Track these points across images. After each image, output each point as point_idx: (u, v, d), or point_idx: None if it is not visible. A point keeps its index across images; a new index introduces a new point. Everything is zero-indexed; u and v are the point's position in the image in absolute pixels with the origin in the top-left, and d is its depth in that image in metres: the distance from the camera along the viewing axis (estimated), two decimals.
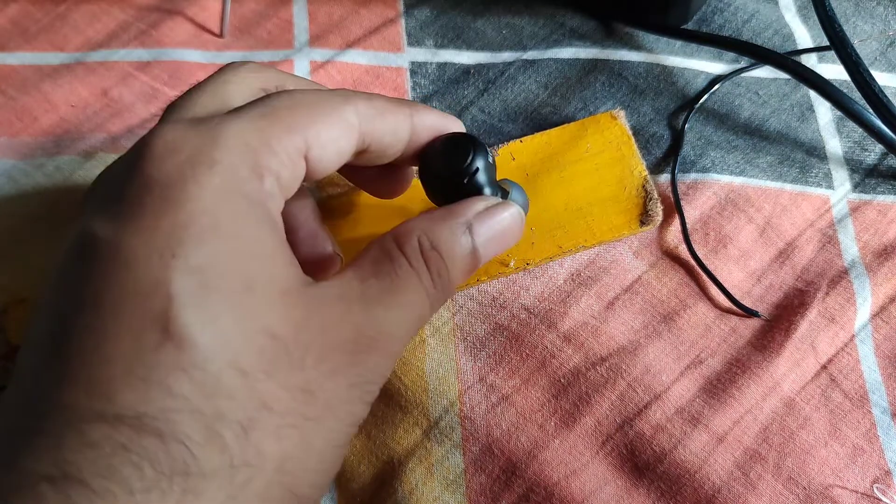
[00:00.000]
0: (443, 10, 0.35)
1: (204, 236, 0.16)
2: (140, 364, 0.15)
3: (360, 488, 0.25)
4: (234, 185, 0.17)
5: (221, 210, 0.17)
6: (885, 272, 0.29)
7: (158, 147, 0.17)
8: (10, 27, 0.33)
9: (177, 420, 0.15)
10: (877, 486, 0.25)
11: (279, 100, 0.19)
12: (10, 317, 0.26)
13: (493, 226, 0.21)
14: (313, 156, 0.19)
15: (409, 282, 0.19)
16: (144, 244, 0.16)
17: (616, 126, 0.30)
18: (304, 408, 0.17)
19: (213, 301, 0.16)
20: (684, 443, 0.25)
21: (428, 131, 0.22)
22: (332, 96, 0.20)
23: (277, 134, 0.18)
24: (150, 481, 0.15)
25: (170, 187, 0.16)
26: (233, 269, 0.17)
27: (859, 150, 0.32)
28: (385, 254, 0.19)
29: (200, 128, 0.18)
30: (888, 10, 0.36)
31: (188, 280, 0.16)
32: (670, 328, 0.28)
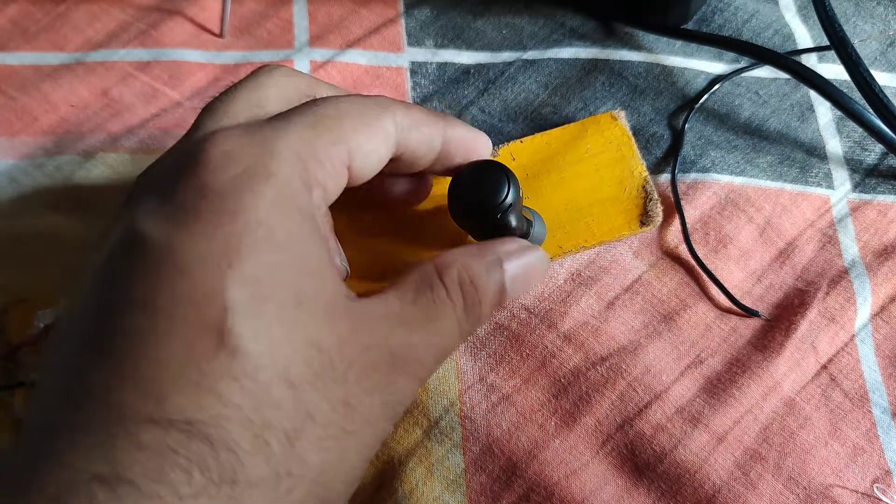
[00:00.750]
0: (443, 10, 0.35)
1: (259, 248, 0.17)
2: (193, 370, 0.15)
3: (360, 488, 0.25)
4: (288, 197, 0.17)
5: (276, 222, 0.17)
6: (886, 272, 0.29)
7: (216, 155, 0.17)
8: (10, 27, 0.33)
9: (227, 427, 0.15)
10: (877, 486, 0.25)
11: (324, 108, 0.19)
12: (10, 317, 0.26)
13: (522, 266, 0.22)
14: (355, 165, 0.19)
15: (445, 311, 0.20)
16: (201, 251, 0.16)
17: (616, 126, 0.30)
18: (344, 421, 0.17)
19: (266, 312, 0.16)
20: (684, 443, 0.25)
21: (459, 145, 0.23)
22: (372, 105, 0.20)
23: (325, 145, 0.18)
24: (198, 487, 0.15)
25: (227, 197, 0.17)
26: (286, 282, 0.17)
27: (859, 150, 0.32)
28: (426, 281, 0.20)
29: (255, 137, 0.18)
30: (888, 10, 0.36)
31: (243, 290, 0.16)
32: (670, 328, 0.28)
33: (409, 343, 0.19)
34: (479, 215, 0.23)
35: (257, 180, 0.17)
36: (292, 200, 0.18)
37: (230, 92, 0.20)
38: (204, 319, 0.16)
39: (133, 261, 0.16)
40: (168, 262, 0.16)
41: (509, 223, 0.23)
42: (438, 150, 0.22)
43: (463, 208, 0.23)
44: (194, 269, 0.16)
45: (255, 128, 0.18)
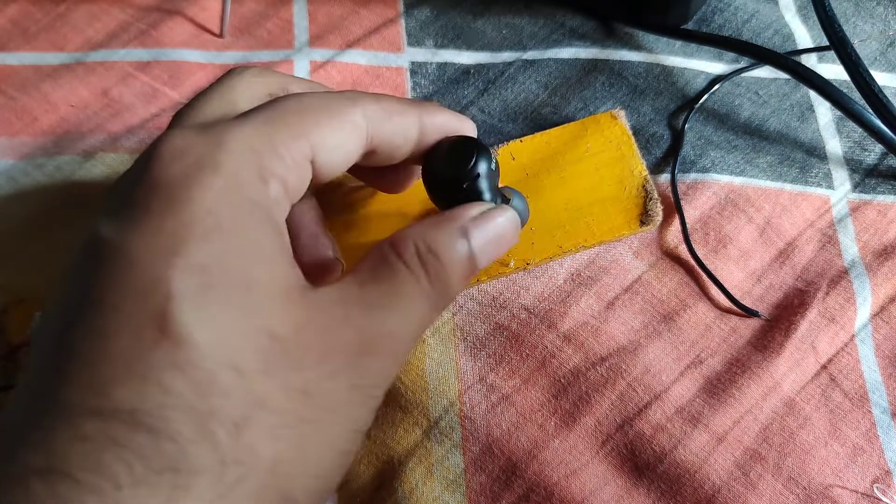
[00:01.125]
0: (443, 10, 0.35)
1: (207, 236, 0.16)
2: (136, 361, 0.15)
3: (360, 488, 0.25)
4: (237, 188, 0.17)
5: (224, 211, 0.17)
6: (885, 272, 0.29)
7: (166, 151, 0.17)
8: (10, 27, 0.33)
9: (169, 417, 0.15)
10: (877, 486, 0.25)
11: (285, 104, 0.19)
12: (10, 317, 0.26)
13: (488, 230, 0.21)
14: (320, 160, 0.19)
15: (407, 285, 0.19)
16: (147, 244, 0.16)
17: (616, 126, 0.30)
18: (302, 409, 0.17)
19: (212, 300, 0.16)
20: (684, 443, 0.25)
21: (438, 131, 0.22)
22: (339, 99, 0.20)
23: (283, 139, 0.18)
24: (138, 476, 0.15)
25: (174, 189, 0.17)
26: (234, 270, 0.17)
27: (859, 150, 0.32)
28: (382, 259, 0.19)
29: (207, 133, 0.18)
30: (888, 10, 0.36)
31: (189, 279, 0.16)
32: (670, 328, 0.28)
33: (372, 323, 0.18)
34: (447, 183, 0.22)
35: (205, 172, 0.17)
36: (242, 191, 0.17)
37: (200, 96, 0.20)
38: (147, 309, 0.16)
39: (89, 262, 0.17)
40: (118, 258, 0.16)
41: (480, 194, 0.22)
42: (416, 138, 0.22)
43: (432, 180, 0.23)
44: (141, 261, 0.16)
45: (211, 125, 0.18)
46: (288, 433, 0.17)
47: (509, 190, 0.25)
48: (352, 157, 0.20)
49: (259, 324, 0.17)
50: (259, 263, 0.17)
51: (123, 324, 0.16)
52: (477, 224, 0.21)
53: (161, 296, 0.16)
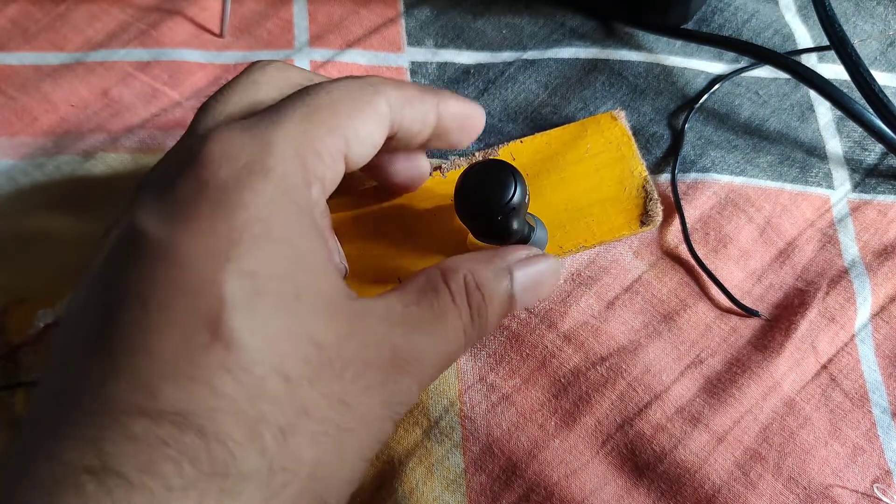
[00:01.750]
0: (443, 10, 0.35)
1: (258, 242, 0.17)
2: (187, 362, 0.15)
3: (360, 488, 0.25)
4: (286, 193, 0.17)
5: (274, 218, 0.17)
6: (886, 272, 0.29)
7: (214, 152, 0.17)
8: (10, 27, 0.33)
9: (219, 420, 0.15)
10: (877, 486, 0.25)
11: (318, 97, 0.19)
12: (10, 317, 0.26)
13: (532, 275, 0.22)
14: (351, 152, 0.19)
15: (449, 315, 0.20)
16: (199, 246, 0.16)
17: (616, 126, 0.30)
18: (340, 418, 0.17)
19: (263, 306, 0.16)
20: (684, 442, 0.25)
21: (453, 118, 0.22)
22: (364, 87, 0.20)
23: (321, 136, 0.18)
24: (188, 479, 0.15)
25: (226, 193, 0.17)
26: (283, 277, 0.17)
27: (859, 149, 0.32)
28: (431, 285, 0.20)
29: (253, 132, 0.18)
30: (888, 10, 0.36)
31: (240, 284, 0.16)
32: (670, 328, 0.28)
33: (409, 344, 0.19)
34: (482, 214, 0.23)
35: (256, 177, 0.17)
36: (291, 196, 0.18)
37: (225, 90, 0.20)
38: (199, 312, 0.16)
39: (132, 257, 0.17)
40: (166, 257, 0.16)
41: (511, 225, 0.23)
42: (433, 125, 0.22)
43: (468, 206, 0.23)
44: (191, 263, 0.16)
45: (252, 123, 0.18)
46: (327, 441, 0.17)
47: (531, 217, 0.26)
48: (377, 145, 0.21)
49: (306, 332, 0.17)
50: (307, 272, 0.18)
51: (174, 323, 0.16)
52: (521, 267, 0.22)
53: (214, 299, 0.16)
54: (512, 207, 0.22)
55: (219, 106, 0.20)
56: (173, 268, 0.16)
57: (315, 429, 0.17)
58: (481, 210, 0.23)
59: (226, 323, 0.16)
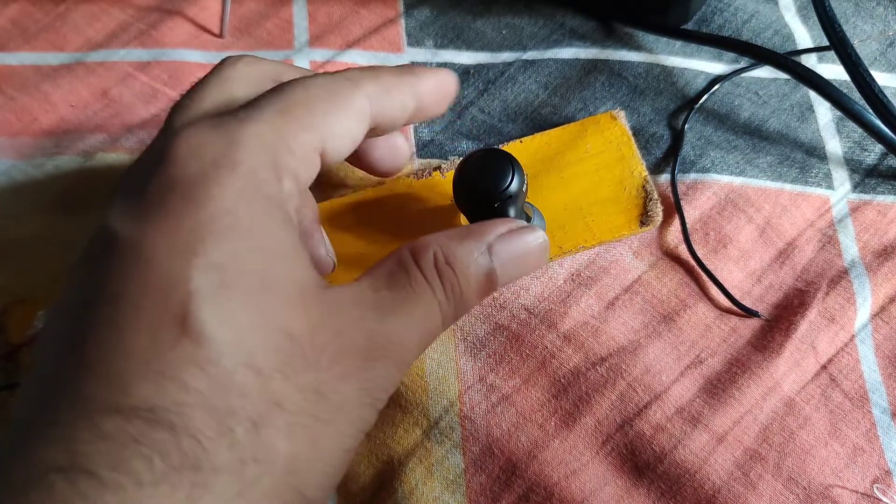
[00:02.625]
0: (443, 11, 0.35)
1: (225, 235, 0.17)
2: (157, 358, 0.15)
3: (360, 488, 0.25)
4: (254, 186, 0.17)
5: (242, 210, 0.17)
6: (885, 272, 0.29)
7: (181, 149, 0.17)
8: (10, 27, 0.33)
9: (190, 414, 0.15)
10: (877, 486, 0.25)
11: (292, 94, 0.19)
12: (10, 317, 0.26)
13: (514, 249, 0.21)
14: (329, 148, 0.19)
15: (422, 295, 0.19)
16: (166, 242, 0.16)
17: (616, 126, 0.30)
18: (315, 408, 0.17)
19: (231, 299, 0.16)
20: (684, 443, 0.25)
21: (430, 95, 0.22)
22: (341, 83, 0.20)
23: (294, 132, 0.18)
24: (159, 474, 0.15)
25: (193, 188, 0.17)
26: (252, 269, 0.17)
27: (859, 150, 0.32)
28: (401, 265, 0.20)
29: (221, 129, 0.18)
30: (888, 11, 0.36)
31: (208, 277, 0.16)
32: (670, 328, 0.28)
33: (384, 328, 0.19)
34: (480, 201, 0.23)
35: (223, 170, 0.17)
36: (259, 189, 0.17)
37: (198, 88, 0.20)
38: (168, 307, 0.16)
39: (104, 258, 0.17)
40: (135, 255, 0.16)
41: (507, 213, 0.23)
42: (413, 108, 0.22)
43: (466, 193, 0.23)
44: (160, 259, 0.16)
45: (222, 119, 0.18)
46: (302, 432, 0.17)
47: (529, 206, 0.26)
48: (357, 140, 0.20)
49: (277, 323, 0.17)
50: (277, 263, 0.17)
51: (143, 321, 0.16)
52: (502, 242, 0.21)
53: (181, 294, 0.16)
54: (509, 195, 0.22)
55: (192, 104, 0.20)
56: (141, 265, 0.16)
57: (289, 420, 0.17)
58: (479, 197, 0.23)
59: (194, 317, 0.16)
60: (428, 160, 0.31)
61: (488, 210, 0.23)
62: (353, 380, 0.18)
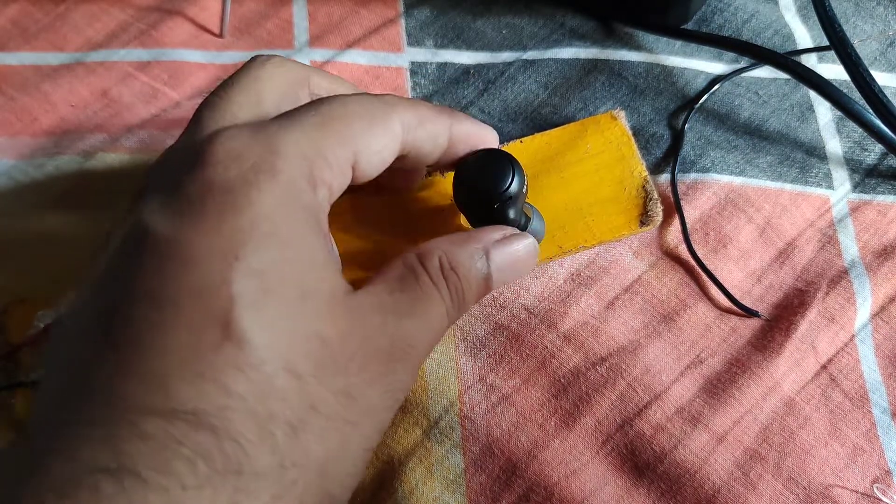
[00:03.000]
0: (443, 11, 0.35)
1: (264, 241, 0.17)
2: (198, 361, 0.15)
3: (361, 488, 0.25)
4: (293, 194, 0.18)
5: (281, 218, 0.17)
6: (885, 272, 0.29)
7: (221, 153, 0.17)
8: (10, 27, 0.33)
9: (232, 418, 0.15)
10: (877, 486, 0.25)
11: (331, 108, 0.19)
12: (10, 317, 0.26)
13: (507, 255, 0.22)
14: (360, 165, 0.20)
15: (432, 297, 0.20)
16: (207, 244, 0.16)
17: (616, 126, 0.30)
18: (346, 412, 0.18)
19: (271, 305, 0.16)
20: (684, 443, 0.25)
21: (465, 141, 0.23)
22: (379, 105, 0.20)
23: (331, 145, 0.19)
24: (203, 478, 0.15)
25: (233, 192, 0.17)
26: (290, 276, 0.17)
27: (859, 150, 0.32)
28: (410, 269, 0.20)
29: (260, 136, 0.18)
30: (888, 10, 0.36)
31: (249, 282, 0.16)
32: (670, 328, 0.28)
33: (401, 331, 0.19)
34: (479, 202, 0.23)
35: (263, 177, 0.17)
36: (297, 198, 0.18)
37: (227, 86, 0.20)
38: (210, 310, 0.16)
39: (140, 255, 0.17)
40: (175, 255, 0.16)
41: (507, 214, 0.23)
42: (445, 146, 0.22)
43: (465, 193, 0.23)
44: (201, 261, 0.16)
45: (261, 127, 0.19)
46: (334, 435, 0.17)
47: (529, 207, 0.26)
48: (387, 162, 0.21)
49: (312, 329, 0.17)
50: (312, 270, 0.18)
51: (183, 322, 0.16)
52: (497, 247, 0.22)
53: (224, 298, 0.16)
54: (509, 196, 0.22)
55: (222, 104, 0.20)
56: (183, 266, 0.16)
57: (323, 424, 0.17)
58: (478, 198, 0.23)
59: (236, 321, 0.16)
60: None
61: (488, 211, 0.23)
62: (378, 383, 0.18)
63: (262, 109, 0.20)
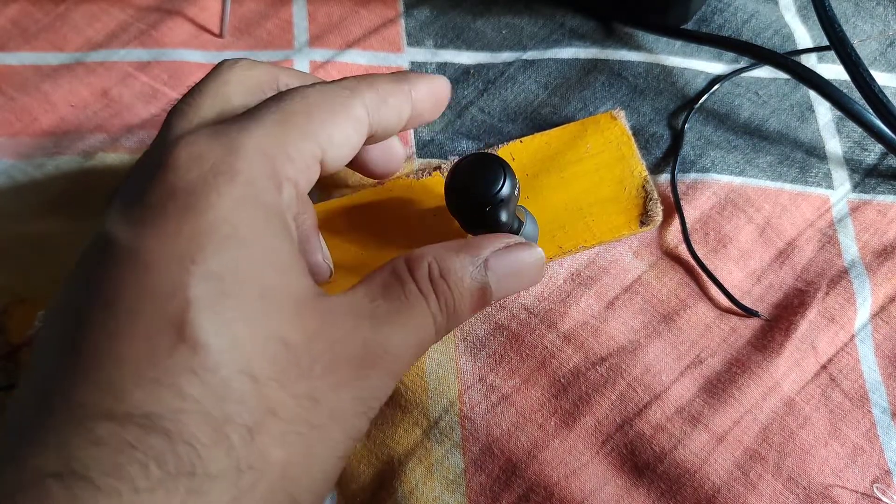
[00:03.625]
0: (442, 11, 0.35)
1: (224, 244, 0.17)
2: (153, 365, 0.15)
3: (360, 488, 0.25)
4: (253, 195, 0.17)
5: (241, 219, 0.17)
6: (885, 272, 0.29)
7: (181, 156, 0.17)
8: (10, 27, 0.33)
9: (185, 421, 0.15)
10: (877, 486, 0.25)
11: (291, 103, 0.19)
12: (10, 317, 0.26)
13: (510, 264, 0.21)
14: (327, 157, 0.19)
15: (416, 306, 0.19)
16: (164, 249, 0.16)
17: (616, 126, 0.30)
18: (310, 416, 0.17)
19: (229, 307, 0.16)
20: (684, 443, 0.25)
21: (425, 101, 0.22)
22: (340, 92, 0.20)
23: (294, 141, 0.18)
24: (155, 480, 0.15)
25: (192, 196, 0.17)
26: (250, 277, 0.17)
27: (859, 150, 0.32)
28: (396, 276, 0.20)
29: (220, 137, 0.18)
30: (888, 10, 0.36)
31: (206, 286, 0.16)
32: (670, 328, 0.28)
33: (379, 337, 0.19)
34: (471, 205, 0.23)
35: (222, 179, 0.17)
36: (258, 198, 0.18)
37: (194, 91, 0.20)
38: (165, 315, 0.16)
39: (101, 263, 0.17)
40: (133, 260, 0.16)
41: (499, 217, 0.23)
42: (409, 116, 0.22)
43: (457, 197, 0.23)
44: (157, 266, 0.16)
45: (221, 128, 0.18)
46: (297, 439, 0.17)
47: (522, 211, 0.26)
48: (356, 148, 0.21)
49: (273, 332, 0.17)
50: (274, 272, 0.18)
51: (140, 327, 0.16)
52: (499, 257, 0.21)
53: (179, 301, 0.16)
54: (501, 199, 0.22)
55: (189, 109, 0.20)
56: (139, 271, 0.16)
57: (284, 428, 0.17)
58: (470, 201, 0.23)
59: (191, 325, 0.16)
60: (428, 160, 0.31)
61: (480, 214, 0.23)
62: (347, 388, 0.18)
63: (229, 113, 0.20)
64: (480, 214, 0.23)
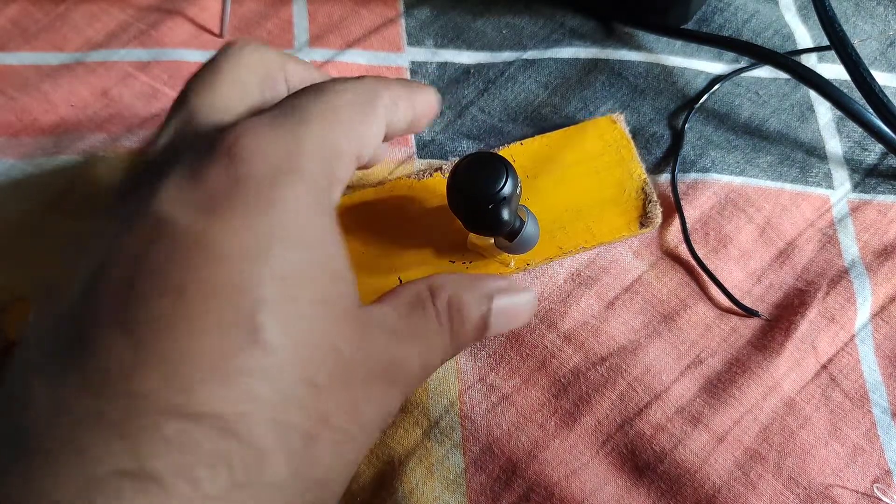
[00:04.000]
0: (443, 10, 0.35)
1: (291, 244, 0.16)
2: (224, 363, 0.15)
3: (360, 488, 0.25)
4: (315, 196, 0.17)
5: (306, 221, 0.17)
6: (885, 272, 0.29)
7: (248, 147, 0.17)
8: (10, 27, 0.33)
9: (254, 424, 0.15)
10: (877, 486, 0.25)
11: (336, 97, 0.19)
12: (10, 315, 0.26)
13: (509, 305, 0.22)
14: (362, 154, 0.19)
15: (434, 331, 0.20)
16: (236, 242, 0.16)
17: (615, 129, 0.30)
18: (349, 425, 0.17)
19: (293, 311, 0.16)
20: (684, 442, 0.25)
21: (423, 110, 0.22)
22: (366, 91, 0.20)
23: (342, 141, 0.18)
24: (222, 484, 0.14)
25: (261, 191, 0.16)
26: (312, 282, 0.17)
27: (859, 150, 0.32)
28: (420, 301, 0.20)
29: (281, 132, 0.17)
30: (888, 10, 0.36)
31: (274, 286, 0.16)
32: (670, 328, 0.28)
33: (400, 355, 0.19)
34: (473, 204, 0.23)
35: (290, 177, 0.17)
36: (319, 200, 0.17)
37: (211, 69, 0.20)
38: (237, 312, 0.15)
39: (161, 246, 0.16)
40: (202, 250, 0.15)
41: (501, 216, 0.23)
42: (410, 120, 0.22)
43: (458, 196, 0.23)
44: (230, 260, 0.15)
45: (278, 120, 0.18)
46: (338, 447, 0.17)
47: (524, 210, 0.26)
48: (378, 147, 0.20)
49: (329, 339, 0.17)
50: (332, 277, 0.17)
51: (210, 321, 0.15)
52: (500, 296, 0.21)
53: (253, 300, 0.15)
54: (502, 198, 0.22)
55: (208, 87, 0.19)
56: (210, 263, 0.15)
57: (332, 436, 0.17)
58: (472, 199, 0.23)
59: (264, 325, 0.15)
60: (429, 160, 0.31)
61: (482, 213, 0.23)
62: (376, 401, 0.18)
63: (250, 98, 0.20)
64: (482, 213, 0.23)
